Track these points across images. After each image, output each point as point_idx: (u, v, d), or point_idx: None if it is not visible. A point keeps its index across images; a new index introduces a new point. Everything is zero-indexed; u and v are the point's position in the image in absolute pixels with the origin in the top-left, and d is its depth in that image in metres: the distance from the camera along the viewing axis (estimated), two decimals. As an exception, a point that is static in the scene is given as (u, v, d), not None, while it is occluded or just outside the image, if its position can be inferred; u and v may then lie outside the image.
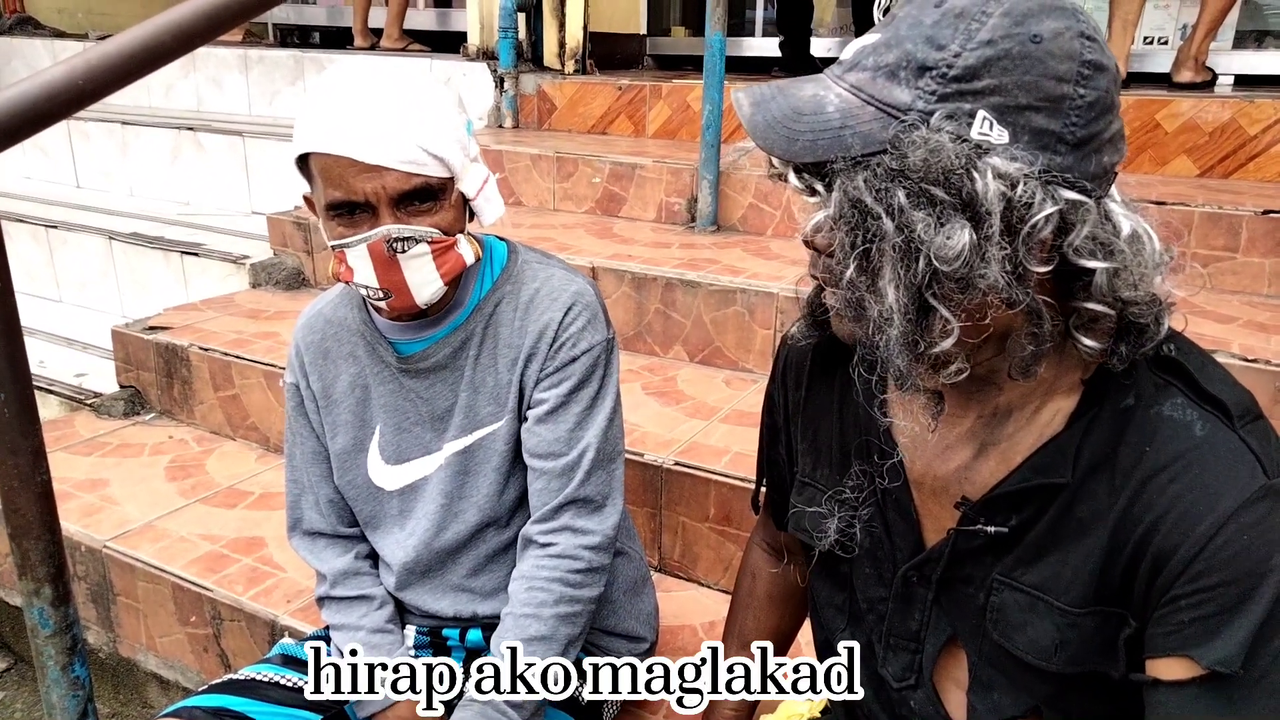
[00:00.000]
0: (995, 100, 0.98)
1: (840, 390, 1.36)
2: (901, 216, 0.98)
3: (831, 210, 1.04)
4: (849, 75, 1.06)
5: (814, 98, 1.06)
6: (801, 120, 1.05)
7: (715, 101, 3.75)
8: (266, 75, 6.04)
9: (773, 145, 1.06)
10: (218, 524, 2.86)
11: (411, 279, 1.63)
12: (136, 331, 3.63)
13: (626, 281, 3.40)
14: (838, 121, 1.03)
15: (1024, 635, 1.16)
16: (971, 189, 0.96)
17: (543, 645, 1.68)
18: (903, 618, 1.30)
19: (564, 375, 1.73)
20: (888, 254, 1.00)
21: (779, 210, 3.90)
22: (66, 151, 6.00)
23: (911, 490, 1.27)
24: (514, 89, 5.18)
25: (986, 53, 0.98)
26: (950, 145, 0.97)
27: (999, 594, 1.18)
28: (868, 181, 1.00)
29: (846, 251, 1.04)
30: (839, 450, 1.36)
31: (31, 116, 1.41)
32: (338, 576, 1.88)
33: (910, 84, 1.00)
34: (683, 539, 2.63)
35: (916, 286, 1.00)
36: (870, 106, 1.02)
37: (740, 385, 3.16)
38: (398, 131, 1.52)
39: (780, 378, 1.49)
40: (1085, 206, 1.00)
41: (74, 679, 1.62)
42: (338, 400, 1.85)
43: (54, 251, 5.02)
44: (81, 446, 3.38)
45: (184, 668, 2.73)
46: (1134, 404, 1.09)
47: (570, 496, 1.74)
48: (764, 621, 1.73)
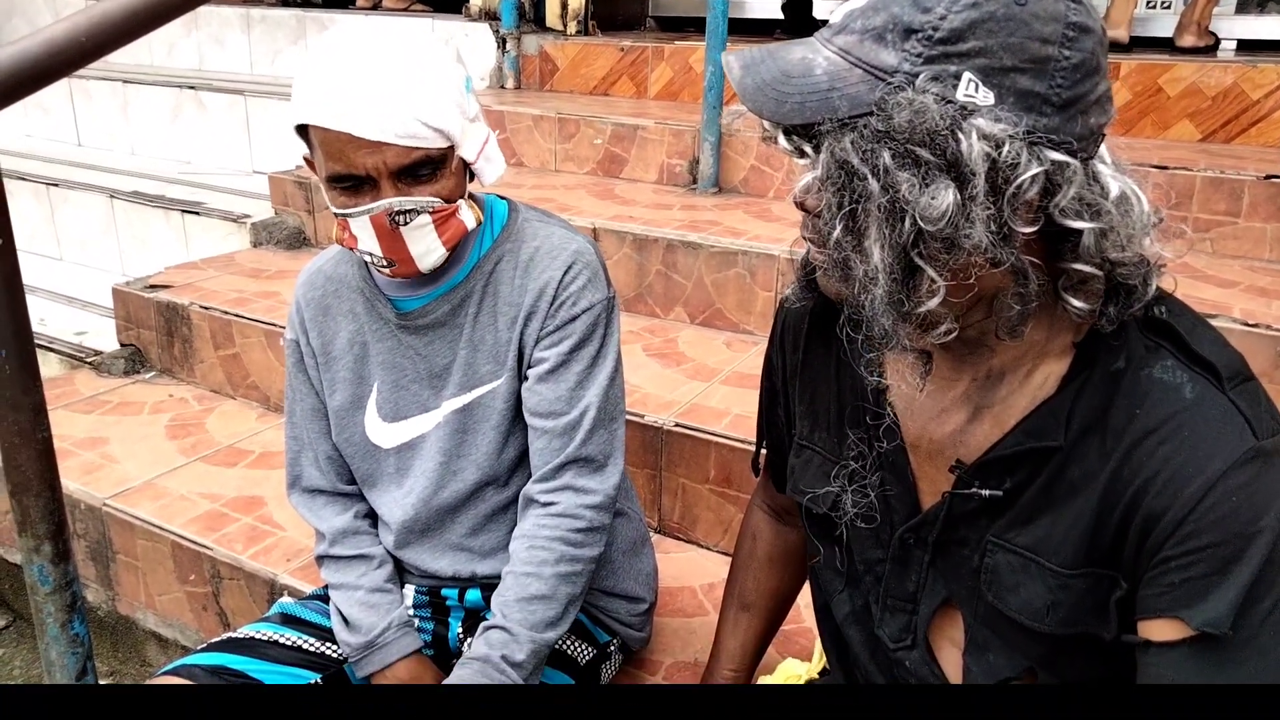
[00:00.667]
0: (980, 62, 0.98)
1: (837, 353, 1.36)
2: (887, 177, 0.99)
3: (819, 171, 1.05)
4: (837, 38, 1.06)
5: (802, 60, 1.07)
6: (790, 83, 1.05)
7: (717, 63, 3.72)
8: (269, 34, 6.01)
9: (762, 107, 1.07)
10: (217, 483, 2.87)
11: (414, 249, 1.64)
12: (137, 290, 3.62)
13: (628, 243, 3.39)
14: (825, 84, 1.04)
15: (1017, 596, 1.17)
16: (956, 150, 0.97)
17: (543, 604, 1.68)
18: (899, 580, 1.31)
19: (564, 334, 1.73)
20: (873, 214, 1.01)
21: (780, 172, 3.88)
22: (68, 109, 5.97)
23: (908, 453, 1.28)
24: (516, 50, 5.14)
25: (971, 15, 0.98)
26: (935, 107, 0.97)
27: (992, 556, 1.19)
28: (854, 143, 1.01)
29: (833, 212, 1.05)
30: (836, 413, 1.37)
31: (33, 74, 1.40)
32: (336, 535, 1.88)
33: (897, 46, 1.00)
34: (682, 500, 2.64)
35: (902, 246, 1.01)
36: (858, 69, 1.03)
37: (741, 347, 3.16)
38: (397, 106, 1.51)
39: (778, 340, 1.49)
40: (1071, 168, 1.01)
41: (73, 636, 1.63)
42: (337, 357, 1.85)
43: (55, 209, 5.00)
44: (82, 404, 3.38)
45: (183, 626, 2.74)
46: (1124, 366, 1.10)
47: (571, 456, 1.74)
48: (764, 583, 1.75)
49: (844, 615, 1.42)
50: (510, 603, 1.69)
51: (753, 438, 2.46)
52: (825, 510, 1.37)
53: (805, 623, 2.26)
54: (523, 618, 1.67)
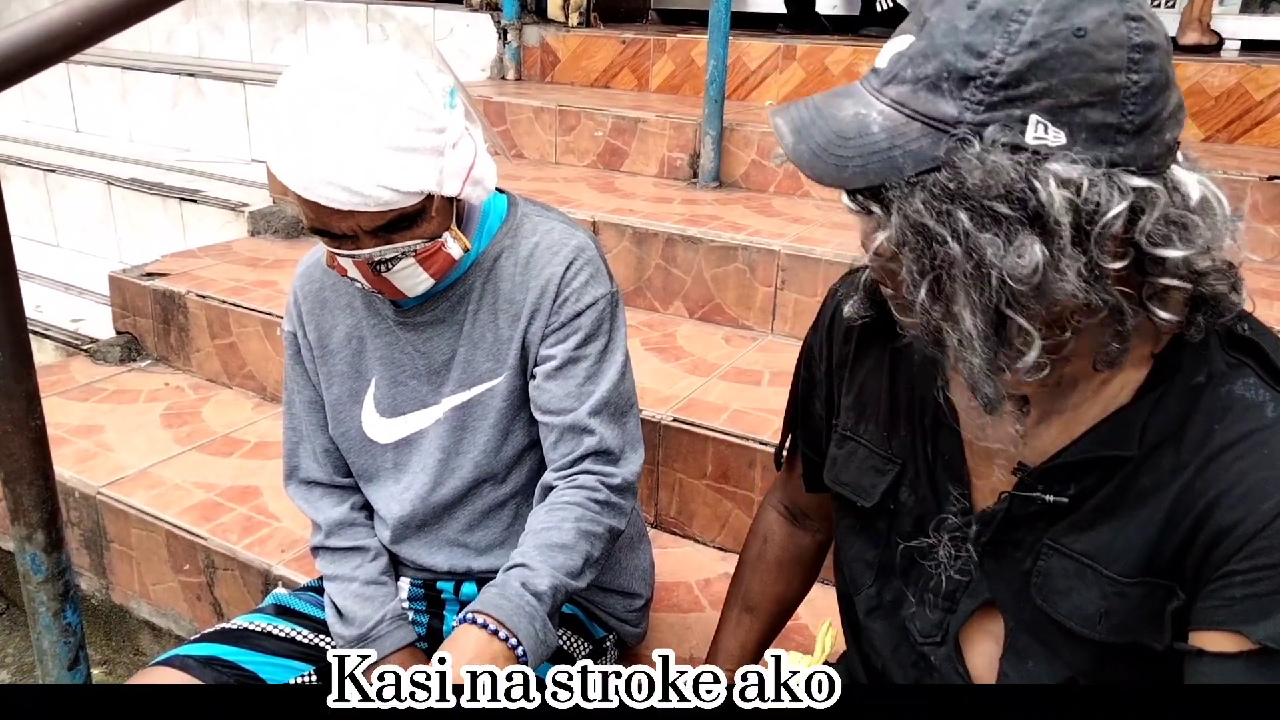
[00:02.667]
0: (1046, 102, 0.94)
1: (891, 347, 1.33)
2: (968, 240, 0.96)
3: (893, 234, 1.01)
4: (888, 89, 1.02)
5: (856, 118, 1.03)
6: (847, 145, 1.02)
7: (720, 57, 3.72)
8: (269, 22, 5.99)
9: (822, 175, 1.03)
10: (213, 472, 2.86)
11: (401, 285, 1.64)
12: (134, 278, 3.61)
13: (627, 236, 3.38)
14: (885, 142, 1.00)
15: (1068, 601, 1.15)
16: (1037, 202, 0.94)
17: (563, 552, 1.64)
18: (940, 576, 1.29)
19: (570, 330, 1.72)
20: (959, 279, 0.98)
21: (781, 167, 3.87)
22: (66, 95, 5.96)
23: (964, 451, 1.26)
24: (517, 41, 5.13)
25: (1030, 55, 0.94)
26: (1008, 162, 0.94)
27: (1047, 559, 1.17)
28: (926, 203, 0.97)
29: (915, 278, 1.02)
30: (888, 407, 1.35)
31: (29, 58, 1.39)
32: (333, 527, 1.87)
33: (955, 95, 0.97)
34: (679, 496, 2.63)
35: (993, 307, 0.98)
36: (916, 122, 0.99)
37: (740, 342, 3.15)
38: (360, 178, 1.44)
39: (825, 329, 1.46)
40: (1154, 191, 0.97)
41: (65, 625, 1.62)
42: (334, 351, 1.84)
43: (52, 196, 4.99)
44: (77, 392, 3.37)
45: (177, 616, 2.73)
46: (1205, 381, 1.08)
47: (588, 450, 1.73)
48: (770, 587, 1.74)
49: (869, 608, 1.40)
50: (529, 550, 1.64)
51: (750, 432, 2.48)
52: (869, 504, 1.35)
53: (801, 619, 2.25)
54: (543, 558, 1.62)
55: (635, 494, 1.80)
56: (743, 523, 2.52)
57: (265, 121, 1.50)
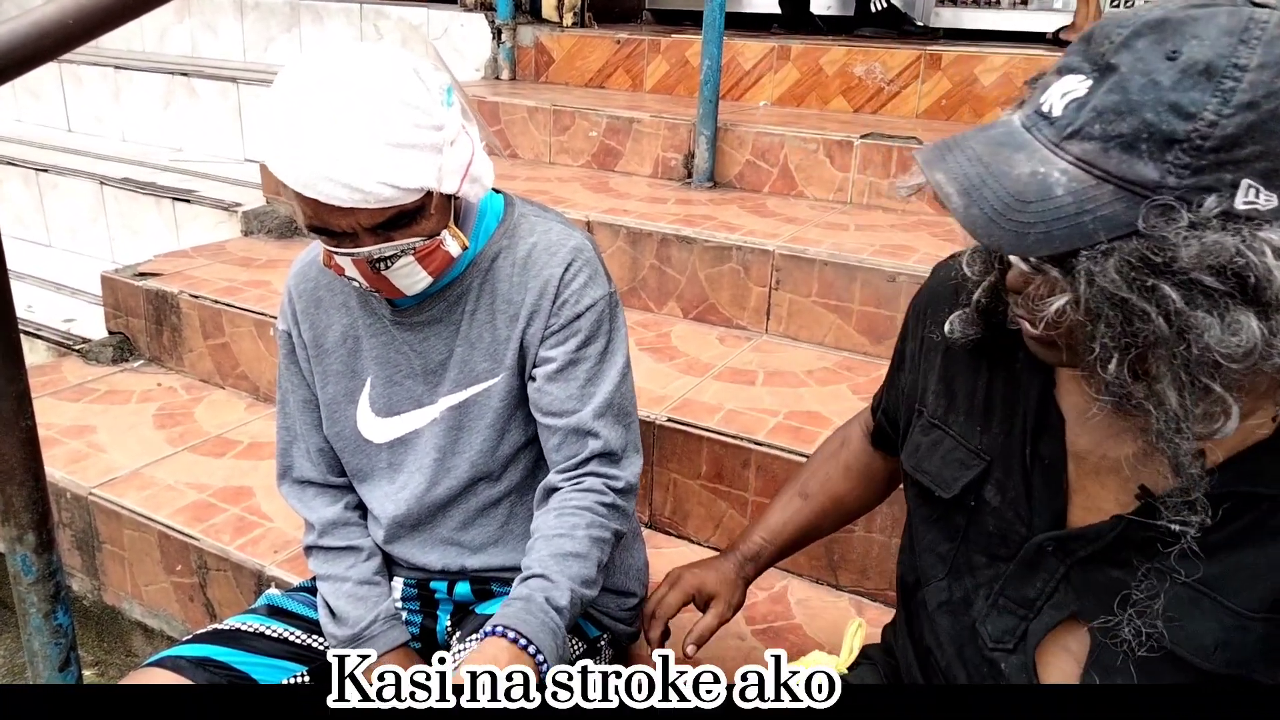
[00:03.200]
0: (1261, 166, 0.87)
1: (993, 341, 1.27)
2: (1179, 319, 0.90)
3: (1082, 306, 0.95)
4: (1070, 145, 0.95)
5: (1034, 178, 0.95)
6: (1028, 210, 0.94)
7: (714, 57, 3.72)
8: (262, 21, 5.98)
9: (1000, 242, 0.96)
10: (205, 473, 2.85)
11: (400, 283, 1.63)
12: (126, 277, 3.60)
13: (622, 236, 3.38)
14: (1072, 207, 0.92)
15: (1180, 630, 1.10)
16: (1254, 276, 0.87)
17: (578, 561, 1.64)
18: (1021, 583, 1.25)
19: (569, 332, 1.72)
20: (1164, 359, 0.93)
21: (776, 168, 3.87)
22: (58, 95, 5.95)
23: (1068, 463, 1.21)
24: (511, 41, 5.13)
25: (1248, 117, 0.87)
26: (1228, 238, 0.87)
27: (1157, 584, 1.12)
28: (1124, 274, 0.91)
29: (1110, 352, 0.96)
30: (982, 402, 1.30)
31: (20, 56, 1.39)
32: (326, 526, 1.87)
33: (1155, 159, 0.90)
34: (674, 496, 2.62)
35: (1201, 384, 0.93)
36: (1108, 184, 0.92)
37: (734, 342, 3.14)
38: (361, 174, 1.43)
39: (920, 310, 1.43)
40: None
41: (56, 627, 1.61)
42: (329, 350, 1.83)
43: (44, 195, 4.98)
44: (69, 392, 3.36)
45: (169, 617, 2.72)
46: None
47: (593, 452, 1.73)
48: (831, 483, 1.75)
49: (938, 603, 1.36)
50: (545, 558, 1.64)
51: (744, 432, 2.49)
52: (948, 495, 1.31)
53: (795, 619, 2.25)
54: (561, 569, 1.62)
55: (636, 495, 1.80)
56: (737, 523, 2.52)
57: (262, 120, 1.47)
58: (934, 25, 5.71)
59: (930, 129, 3.95)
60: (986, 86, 4.19)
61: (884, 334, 2.96)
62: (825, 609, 2.33)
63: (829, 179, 3.79)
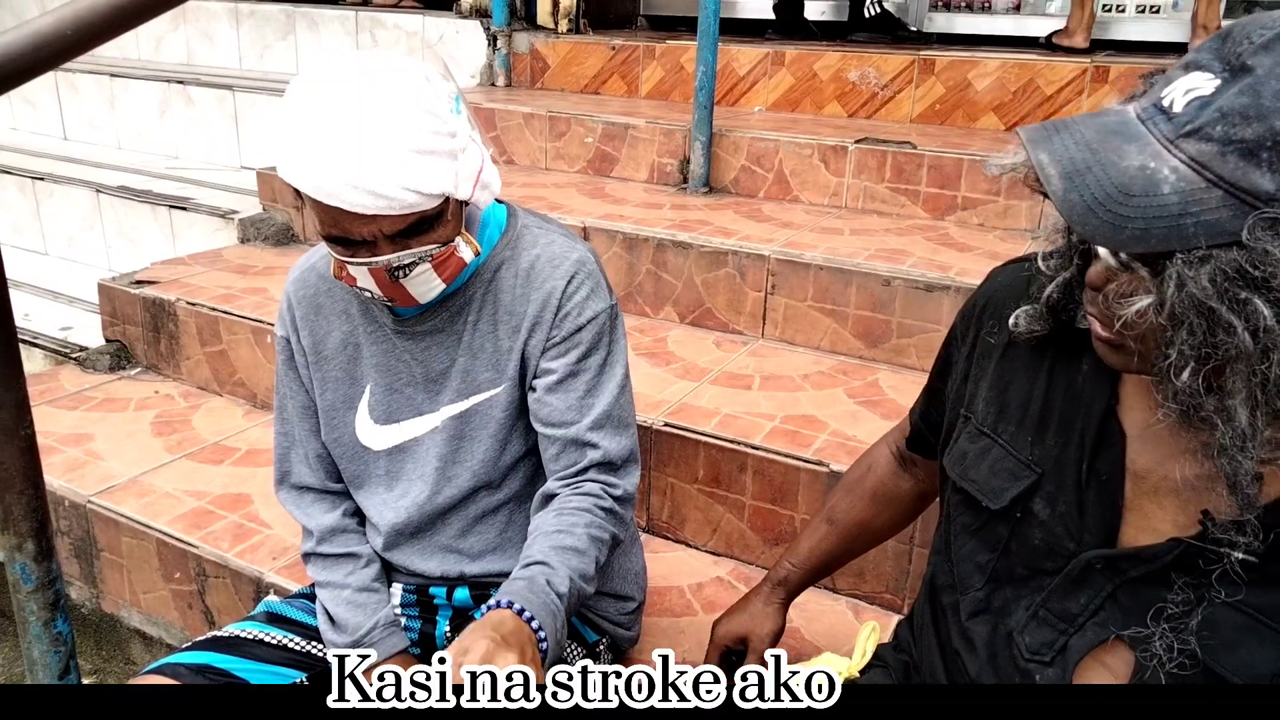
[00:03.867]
0: None
1: (1056, 348, 1.26)
2: (1268, 336, 0.88)
3: (1166, 309, 0.93)
4: (1187, 144, 0.92)
5: (1143, 172, 0.93)
6: (1130, 203, 0.92)
7: (709, 63, 3.72)
8: (257, 29, 5.98)
9: (1094, 232, 0.94)
10: (203, 480, 2.85)
11: (415, 290, 1.63)
12: (123, 285, 3.60)
13: (618, 242, 3.39)
14: (1176, 207, 0.90)
15: (1234, 656, 1.09)
16: None
17: (577, 555, 1.63)
18: (1064, 597, 1.24)
19: (570, 344, 1.72)
20: (1243, 374, 0.90)
21: (771, 173, 3.88)
22: (54, 103, 5.95)
23: (1126, 481, 1.19)
24: (507, 47, 5.14)
25: None
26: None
27: (1211, 608, 1.10)
28: (1216, 283, 0.88)
29: (1186, 359, 0.93)
30: (1039, 412, 1.27)
31: (19, 67, 1.39)
32: (324, 533, 1.87)
33: (1275, 169, 0.87)
34: (671, 500, 2.63)
35: (1276, 406, 0.91)
36: (1218, 189, 0.89)
37: (731, 347, 3.15)
38: (386, 181, 1.43)
39: (977, 315, 1.39)
40: None
41: (56, 635, 1.62)
42: (328, 357, 1.83)
43: (40, 204, 4.98)
44: (66, 400, 3.36)
45: (168, 624, 2.72)
46: None
47: (592, 462, 1.73)
48: (856, 510, 1.76)
49: (974, 610, 1.34)
50: (546, 549, 1.63)
51: (741, 437, 2.49)
52: (996, 506, 1.29)
53: (794, 622, 2.25)
54: (561, 559, 1.61)
55: (634, 505, 1.81)
56: (734, 527, 2.53)
57: (279, 129, 1.47)
58: (927, 30, 5.71)
59: (924, 134, 3.96)
60: (980, 91, 4.20)
61: (879, 338, 2.97)
62: (823, 613, 2.34)
63: (824, 184, 3.80)
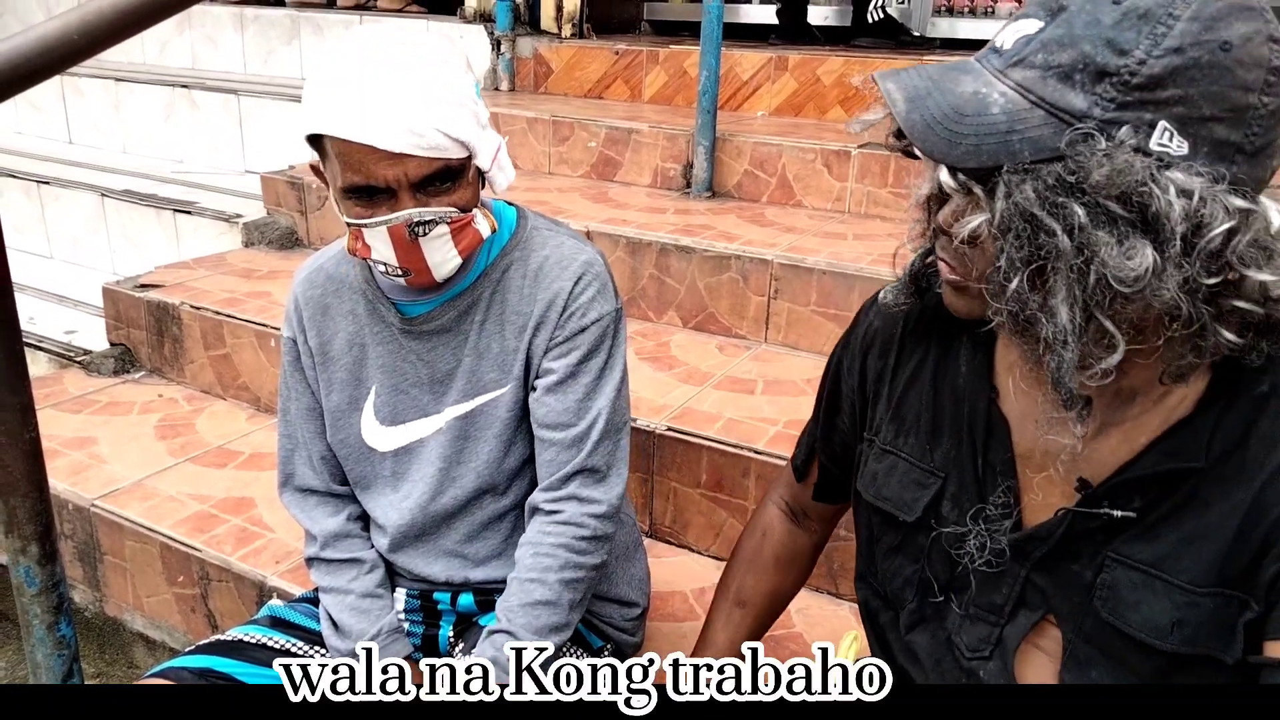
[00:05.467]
0: (1178, 111, 0.94)
1: (936, 359, 1.34)
2: (1081, 235, 0.95)
3: (996, 220, 1.00)
4: (1013, 71, 1.02)
5: (975, 96, 1.02)
6: (964, 122, 1.01)
7: (712, 68, 3.73)
8: (262, 34, 5.99)
9: (932, 148, 1.02)
10: (207, 484, 2.86)
11: (431, 259, 1.63)
12: (127, 289, 3.61)
13: (621, 246, 3.39)
14: (1004, 125, 0.99)
15: (1137, 613, 1.14)
16: (1155, 208, 0.93)
17: (547, 609, 1.68)
18: (989, 590, 1.28)
19: (573, 345, 1.73)
20: (1063, 272, 0.97)
21: (774, 177, 3.88)
22: (59, 107, 5.96)
23: (1016, 465, 1.25)
24: (511, 52, 5.14)
25: (1174, 61, 0.93)
26: (1137, 163, 0.93)
27: (1110, 571, 1.16)
28: (1038, 192, 0.97)
29: (1014, 265, 1.00)
30: (930, 420, 1.34)
31: (25, 71, 1.40)
32: (328, 538, 1.87)
33: (1087, 89, 0.96)
34: (674, 505, 2.63)
35: (1092, 306, 0.97)
36: (1040, 110, 0.99)
37: (733, 352, 3.15)
38: (420, 118, 1.49)
39: (859, 344, 1.45)
40: (1255, 214, 0.96)
41: (59, 638, 1.62)
42: (334, 357, 1.83)
43: (45, 207, 4.99)
44: (70, 404, 3.37)
45: (171, 628, 2.73)
46: (1269, 391, 1.08)
47: (578, 466, 1.74)
48: (764, 583, 1.73)
49: (911, 622, 1.38)
50: (515, 608, 1.69)
51: (744, 441, 2.48)
52: (911, 518, 1.34)
53: (795, 627, 2.25)
54: (527, 623, 1.67)
55: (617, 519, 1.80)
56: (737, 531, 2.51)
57: (315, 83, 1.53)
58: (930, 35, 5.71)
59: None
60: (984, 96, 4.19)
61: (883, 343, 2.96)
62: (826, 618, 2.34)
63: (827, 189, 3.80)
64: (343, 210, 1.61)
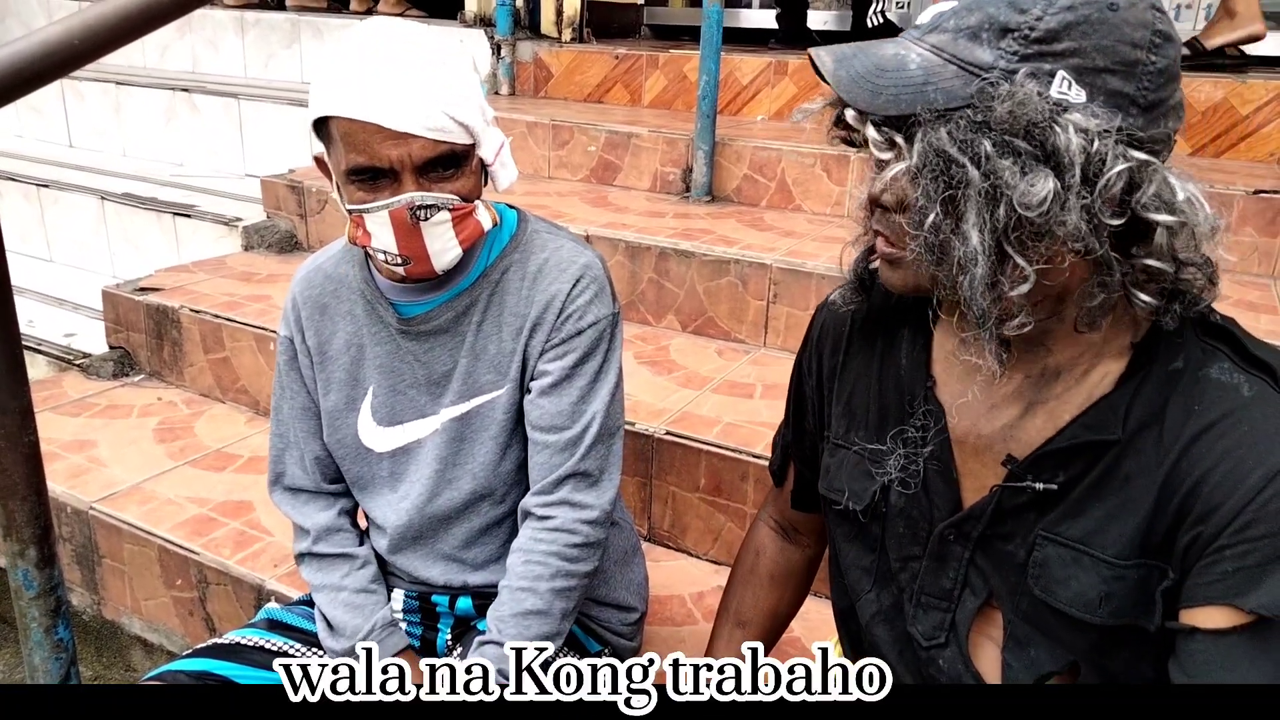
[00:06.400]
0: (1074, 61, 1.04)
1: (880, 354, 1.40)
2: (988, 164, 1.03)
3: (914, 161, 1.09)
4: (929, 37, 1.11)
5: (895, 56, 1.12)
6: (885, 76, 1.10)
7: (712, 72, 3.73)
8: (262, 38, 6.00)
9: (856, 99, 1.11)
10: (205, 487, 2.86)
11: (432, 246, 1.63)
12: (127, 292, 3.61)
13: (620, 250, 3.39)
14: (920, 78, 1.09)
15: (1068, 589, 1.19)
16: (1054, 141, 1.02)
17: (538, 619, 1.68)
18: (936, 576, 1.33)
19: (569, 348, 1.73)
20: (973, 199, 1.05)
21: (773, 182, 3.89)
22: (60, 111, 5.96)
23: (953, 449, 1.31)
24: (511, 56, 5.15)
25: (1067, 17, 1.03)
26: (1036, 100, 1.02)
27: (1041, 549, 1.22)
28: (951, 134, 1.05)
29: (930, 198, 1.08)
30: (876, 413, 1.39)
31: (27, 75, 1.40)
32: (320, 532, 1.87)
33: (992, 44, 1.06)
34: (672, 509, 2.63)
35: (999, 232, 1.05)
36: (952, 65, 1.08)
37: (732, 355, 3.15)
38: (426, 98, 1.51)
39: (814, 344, 1.52)
40: (1152, 166, 1.05)
41: (57, 641, 1.62)
42: (332, 357, 1.83)
43: (45, 211, 4.99)
44: (69, 407, 3.37)
45: (169, 631, 2.73)
46: (1182, 367, 1.14)
47: (571, 470, 1.73)
48: (763, 601, 1.75)
49: (871, 615, 1.43)
50: (506, 618, 1.69)
51: (743, 445, 2.48)
52: (861, 507, 1.39)
53: (794, 631, 2.25)
54: (518, 633, 1.67)
55: (608, 525, 1.80)
56: (736, 536, 2.53)
57: (323, 71, 1.56)
58: (931, 39, 5.72)
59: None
60: (983, 101, 4.20)
61: (881, 347, 2.96)
62: (825, 622, 2.34)
63: (826, 193, 3.81)
64: (345, 198, 1.61)
